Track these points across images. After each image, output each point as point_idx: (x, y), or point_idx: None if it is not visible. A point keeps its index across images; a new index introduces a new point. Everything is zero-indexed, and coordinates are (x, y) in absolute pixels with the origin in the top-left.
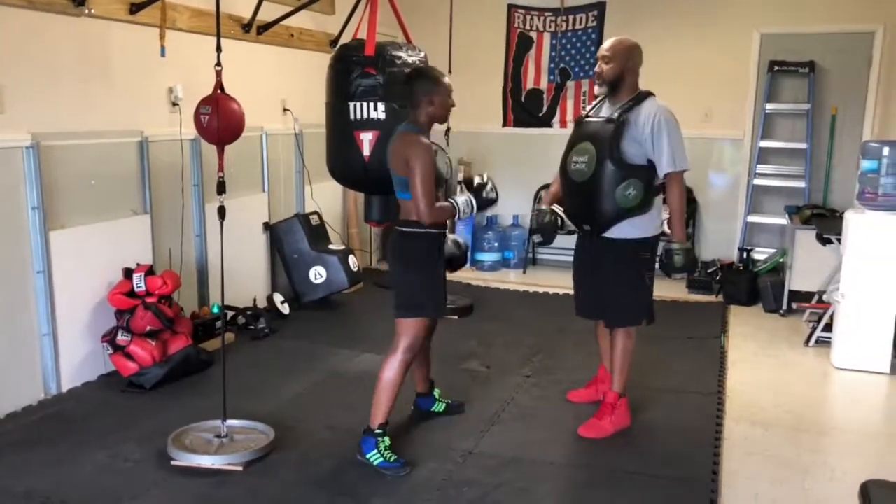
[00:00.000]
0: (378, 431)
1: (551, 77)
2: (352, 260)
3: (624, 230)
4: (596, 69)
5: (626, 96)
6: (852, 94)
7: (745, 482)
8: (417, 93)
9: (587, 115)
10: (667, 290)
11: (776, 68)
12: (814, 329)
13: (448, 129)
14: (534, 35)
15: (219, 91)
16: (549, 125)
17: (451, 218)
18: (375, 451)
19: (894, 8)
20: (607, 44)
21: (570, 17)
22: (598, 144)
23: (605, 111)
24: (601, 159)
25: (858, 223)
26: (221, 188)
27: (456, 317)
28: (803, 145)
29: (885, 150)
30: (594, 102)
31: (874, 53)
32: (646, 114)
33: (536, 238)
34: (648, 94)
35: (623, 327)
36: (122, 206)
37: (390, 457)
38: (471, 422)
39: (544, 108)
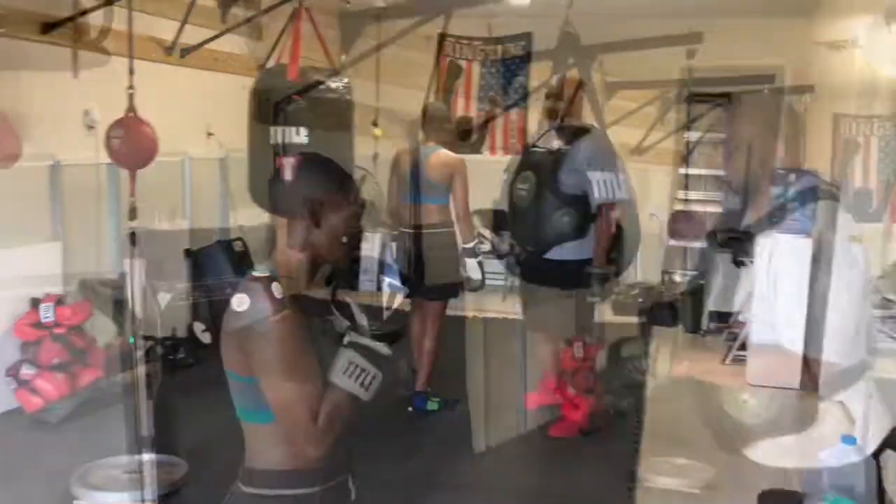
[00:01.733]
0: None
1: (481, 105)
2: (275, 287)
3: (564, 252)
4: (543, 106)
5: (570, 129)
6: (766, 126)
7: (658, 499)
8: (440, 122)
9: (534, 145)
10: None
11: (696, 100)
12: (730, 348)
13: (376, 155)
14: (463, 63)
15: (130, 114)
16: (479, 152)
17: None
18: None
19: (795, 48)
20: (553, 81)
21: (499, 47)
22: (539, 174)
23: (551, 142)
24: (540, 188)
25: (766, 246)
26: (133, 213)
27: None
28: (723, 173)
29: (791, 177)
30: (541, 133)
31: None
32: (584, 146)
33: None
34: (591, 128)
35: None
36: (32, 233)
37: None
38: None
39: (474, 136)
